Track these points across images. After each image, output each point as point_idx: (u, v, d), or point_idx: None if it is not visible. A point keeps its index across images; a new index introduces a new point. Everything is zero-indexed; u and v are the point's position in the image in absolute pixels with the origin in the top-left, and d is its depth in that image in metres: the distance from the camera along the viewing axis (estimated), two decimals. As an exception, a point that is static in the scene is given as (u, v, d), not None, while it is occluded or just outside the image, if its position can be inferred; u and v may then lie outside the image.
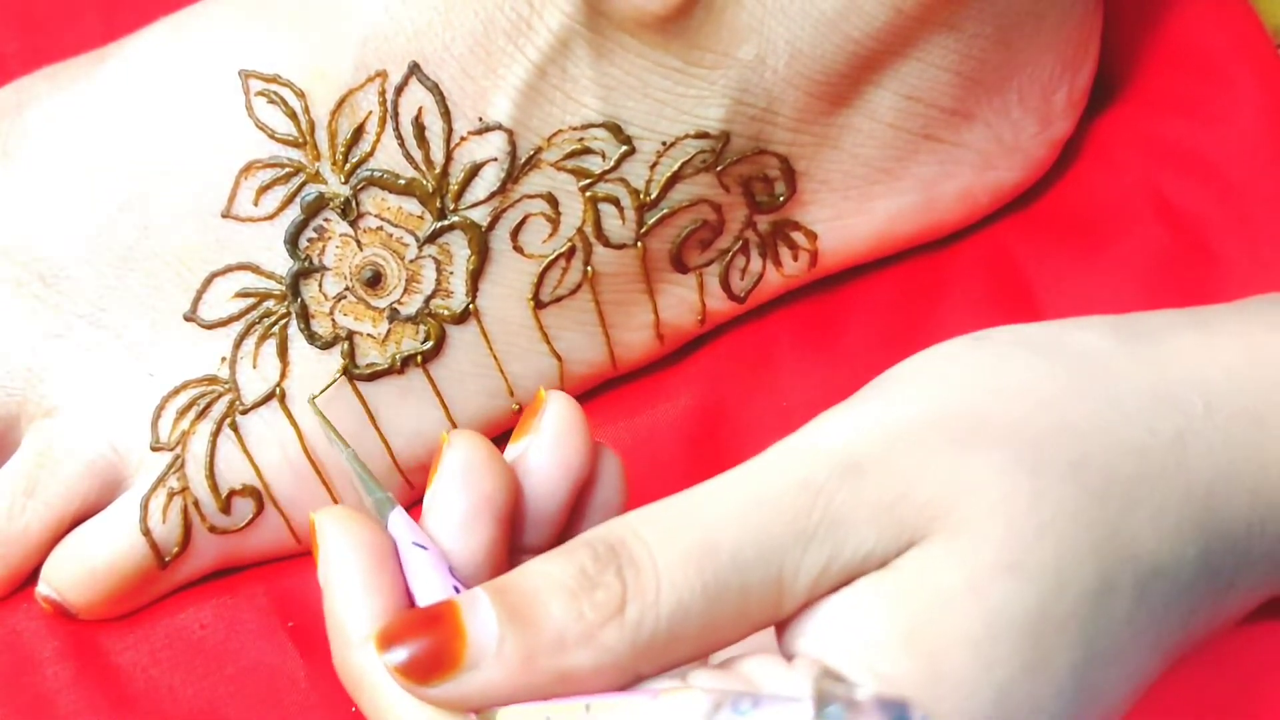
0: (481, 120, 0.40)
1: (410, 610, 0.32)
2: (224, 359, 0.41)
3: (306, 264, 0.41)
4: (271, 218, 0.41)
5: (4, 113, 0.42)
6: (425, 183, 0.40)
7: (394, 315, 0.41)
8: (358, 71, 0.40)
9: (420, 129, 0.40)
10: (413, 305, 0.41)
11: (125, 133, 0.41)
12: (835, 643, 0.31)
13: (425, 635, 0.31)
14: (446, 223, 0.41)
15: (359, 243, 0.41)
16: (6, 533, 0.41)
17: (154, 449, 0.41)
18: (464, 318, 0.41)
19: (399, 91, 0.40)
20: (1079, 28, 0.44)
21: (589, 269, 0.42)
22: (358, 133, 0.40)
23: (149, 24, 0.43)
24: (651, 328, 0.44)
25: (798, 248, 0.44)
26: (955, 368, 0.33)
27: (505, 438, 0.35)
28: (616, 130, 0.40)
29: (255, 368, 0.41)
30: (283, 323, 0.41)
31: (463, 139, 0.40)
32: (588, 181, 0.41)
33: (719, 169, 0.41)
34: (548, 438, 0.34)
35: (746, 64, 0.40)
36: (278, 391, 0.41)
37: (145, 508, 0.41)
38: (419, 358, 0.41)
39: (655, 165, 0.41)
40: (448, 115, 0.40)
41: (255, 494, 0.41)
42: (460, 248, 0.41)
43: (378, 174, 0.40)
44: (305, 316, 0.41)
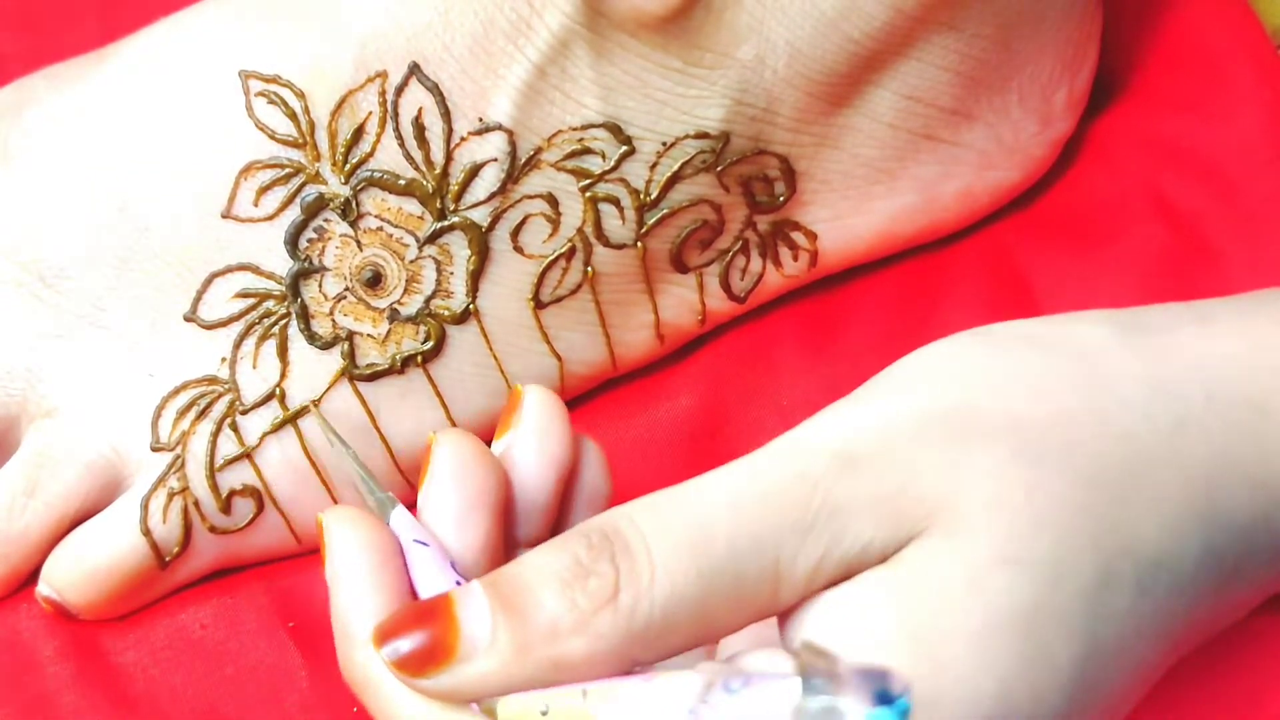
0: (481, 120, 0.40)
1: (406, 605, 0.32)
2: (224, 359, 0.41)
3: (306, 264, 0.41)
4: (271, 218, 0.41)
5: (4, 113, 0.43)
6: (425, 183, 0.40)
7: (394, 315, 0.41)
8: (358, 72, 0.40)
9: (420, 129, 0.40)
10: (413, 305, 0.41)
11: (125, 133, 0.41)
12: (837, 637, 0.31)
13: (419, 628, 0.31)
14: (447, 223, 0.41)
15: (359, 243, 0.41)
16: (6, 533, 0.41)
17: (154, 449, 0.41)
18: (464, 318, 0.41)
19: (399, 92, 0.40)
20: (1079, 28, 0.44)
21: (589, 269, 0.42)
22: (358, 133, 0.40)
23: (149, 24, 0.43)
24: (651, 328, 0.44)
25: (798, 248, 0.44)
26: (955, 362, 0.33)
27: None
28: (616, 130, 0.40)
29: (255, 368, 0.41)
30: (283, 323, 0.41)
31: (463, 139, 0.40)
32: (588, 182, 0.41)
33: (719, 169, 0.41)
34: (530, 430, 0.35)
35: (746, 64, 0.40)
36: (278, 392, 0.41)
37: (145, 508, 0.41)
38: (419, 358, 0.41)
39: (655, 165, 0.41)
40: (448, 115, 0.40)
41: (255, 494, 0.41)
42: (460, 248, 0.41)
43: (378, 174, 0.40)
44: (305, 317, 0.41)
